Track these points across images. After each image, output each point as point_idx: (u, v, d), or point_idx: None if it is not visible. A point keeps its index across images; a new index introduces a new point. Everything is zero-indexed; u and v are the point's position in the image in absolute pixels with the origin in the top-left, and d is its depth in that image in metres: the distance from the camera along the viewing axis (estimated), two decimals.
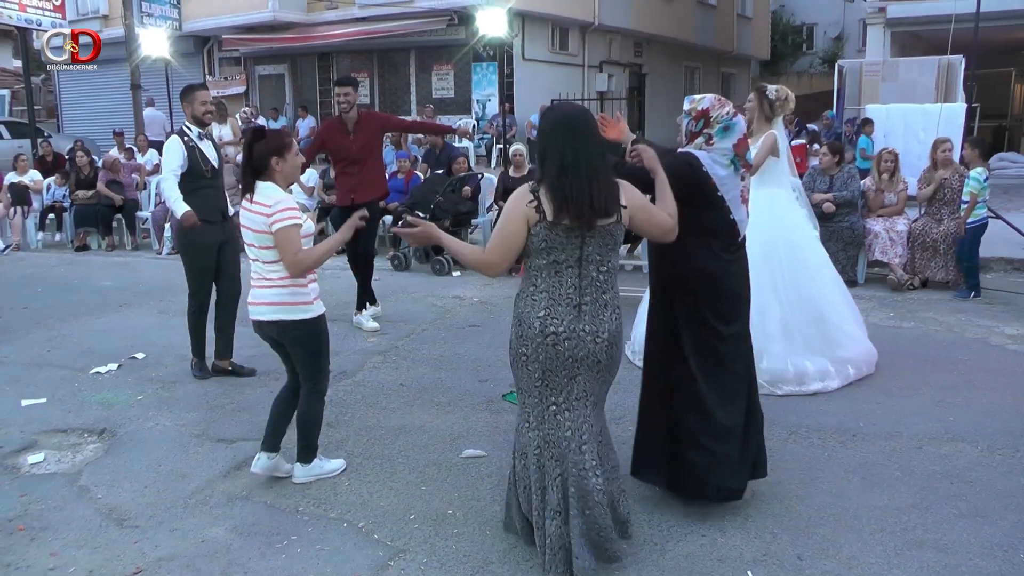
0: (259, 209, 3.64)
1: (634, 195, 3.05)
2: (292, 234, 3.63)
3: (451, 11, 17.96)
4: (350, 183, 6.62)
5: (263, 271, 3.75)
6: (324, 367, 3.92)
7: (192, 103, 5.48)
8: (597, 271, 3.00)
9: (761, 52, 31.21)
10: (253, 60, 22.18)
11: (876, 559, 3.23)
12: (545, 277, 3.01)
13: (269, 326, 3.78)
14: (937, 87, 13.84)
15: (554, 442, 3.06)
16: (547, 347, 2.99)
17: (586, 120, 3.00)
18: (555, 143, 2.94)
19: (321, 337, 3.85)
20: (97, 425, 4.84)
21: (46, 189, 12.57)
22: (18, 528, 3.64)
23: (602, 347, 3.00)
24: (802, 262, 5.29)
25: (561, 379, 3.03)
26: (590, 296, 2.99)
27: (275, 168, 3.70)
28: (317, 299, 3.81)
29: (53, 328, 7.11)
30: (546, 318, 2.99)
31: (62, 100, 25.39)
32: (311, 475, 3.97)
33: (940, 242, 7.58)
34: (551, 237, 2.93)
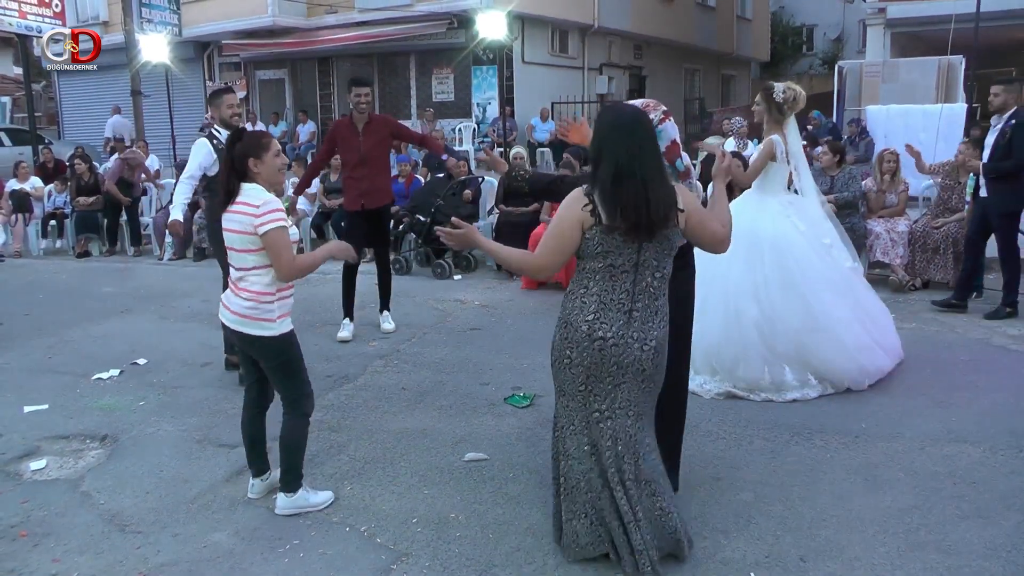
0: (244, 209, 3.49)
1: (691, 200, 3.01)
2: (284, 236, 3.50)
3: (451, 14, 17.98)
4: (360, 187, 6.52)
5: (235, 276, 3.62)
6: (301, 386, 3.70)
7: (219, 107, 5.51)
8: (652, 277, 2.95)
9: (761, 54, 31.22)
10: (253, 65, 22.21)
11: (879, 560, 3.23)
12: (599, 280, 2.95)
13: (233, 334, 3.69)
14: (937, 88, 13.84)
15: (602, 448, 3.04)
16: (593, 351, 2.93)
17: (643, 123, 2.94)
18: (611, 146, 2.87)
19: (290, 354, 3.65)
20: (99, 431, 4.84)
21: (47, 196, 12.58)
22: (20, 534, 3.64)
23: (648, 355, 2.95)
24: (792, 266, 5.06)
25: (605, 386, 2.98)
26: (642, 303, 2.95)
27: (253, 170, 3.55)
28: (284, 316, 3.60)
29: (55, 334, 7.12)
30: (595, 322, 2.94)
31: (63, 107, 25.45)
32: (295, 507, 3.71)
33: (941, 243, 7.57)
34: (607, 241, 2.88)
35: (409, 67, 20.25)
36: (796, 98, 5.08)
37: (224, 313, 3.68)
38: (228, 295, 3.67)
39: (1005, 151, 6.39)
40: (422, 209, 9.24)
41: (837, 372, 5.02)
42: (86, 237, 11.80)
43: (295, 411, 3.71)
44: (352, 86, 6.57)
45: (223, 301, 3.70)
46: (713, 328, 4.93)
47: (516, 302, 7.80)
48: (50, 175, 13.29)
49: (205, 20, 20.38)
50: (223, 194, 3.59)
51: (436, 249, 9.24)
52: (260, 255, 3.53)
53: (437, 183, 9.83)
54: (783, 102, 5.05)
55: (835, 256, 5.35)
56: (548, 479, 3.98)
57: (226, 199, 3.57)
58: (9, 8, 15.45)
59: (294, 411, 3.71)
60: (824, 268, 5.21)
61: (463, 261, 9.31)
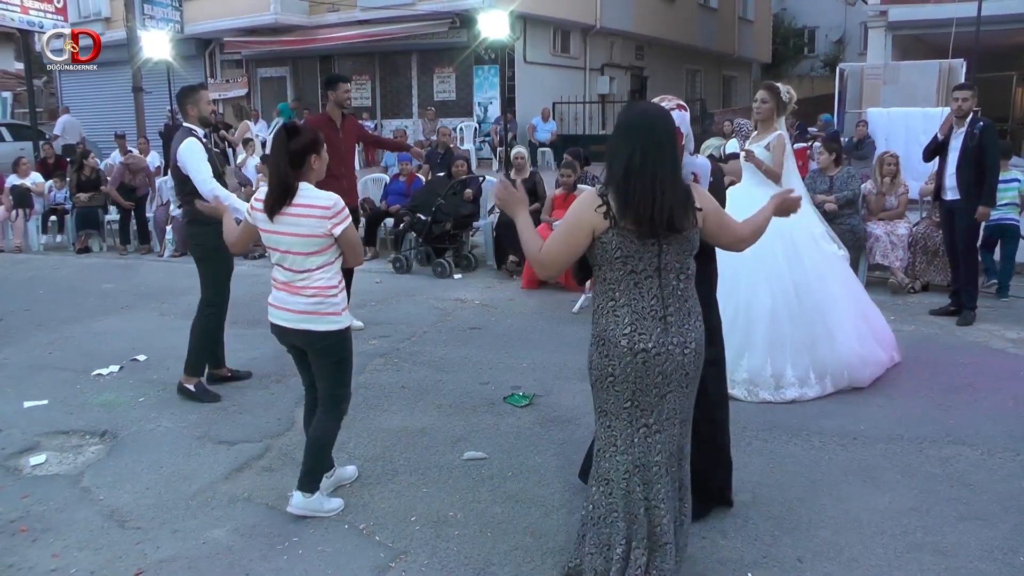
0: (312, 212, 3.40)
1: (708, 200, 2.92)
2: (355, 232, 3.62)
3: (453, 14, 17.99)
4: (342, 185, 6.43)
5: (291, 278, 3.52)
6: (348, 383, 3.72)
7: (198, 103, 5.31)
8: (677, 279, 2.82)
9: (762, 55, 31.25)
10: (255, 62, 22.22)
11: (877, 561, 3.24)
12: (624, 290, 2.80)
13: (296, 335, 3.58)
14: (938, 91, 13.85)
15: (644, 466, 2.87)
16: (637, 365, 2.78)
17: (661, 122, 2.82)
18: (625, 144, 2.77)
19: (348, 348, 3.65)
20: (99, 427, 4.84)
21: (47, 192, 12.58)
22: (20, 529, 3.65)
23: (690, 358, 2.84)
24: (801, 256, 5.21)
25: (652, 398, 2.83)
26: (674, 306, 2.82)
27: (313, 167, 3.49)
28: (346, 310, 3.62)
29: (55, 330, 7.12)
30: (633, 334, 2.78)
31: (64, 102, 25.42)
32: (310, 509, 3.66)
33: (941, 246, 7.58)
34: (626, 245, 2.76)
35: (411, 66, 20.26)
36: (792, 101, 5.32)
37: (281, 315, 3.57)
38: (283, 297, 3.56)
39: (975, 155, 6.44)
40: (423, 208, 9.24)
41: (840, 363, 5.09)
42: (86, 233, 11.80)
43: (336, 410, 3.69)
44: (339, 82, 6.58)
45: (274, 303, 3.60)
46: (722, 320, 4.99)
47: (516, 301, 7.81)
48: (51, 171, 13.28)
49: (207, 17, 20.39)
50: (279, 192, 3.43)
51: (436, 248, 9.25)
52: (325, 254, 3.50)
53: (438, 182, 9.83)
54: (787, 102, 5.23)
55: (825, 246, 5.50)
56: (547, 478, 4.02)
57: (283, 199, 3.43)
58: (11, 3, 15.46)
59: (336, 410, 3.68)
60: (822, 259, 5.36)
61: (463, 260, 9.32)
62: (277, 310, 3.60)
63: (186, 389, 5.26)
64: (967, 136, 6.49)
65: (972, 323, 6.57)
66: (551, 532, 3.50)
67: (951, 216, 6.78)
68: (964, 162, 6.54)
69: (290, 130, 3.51)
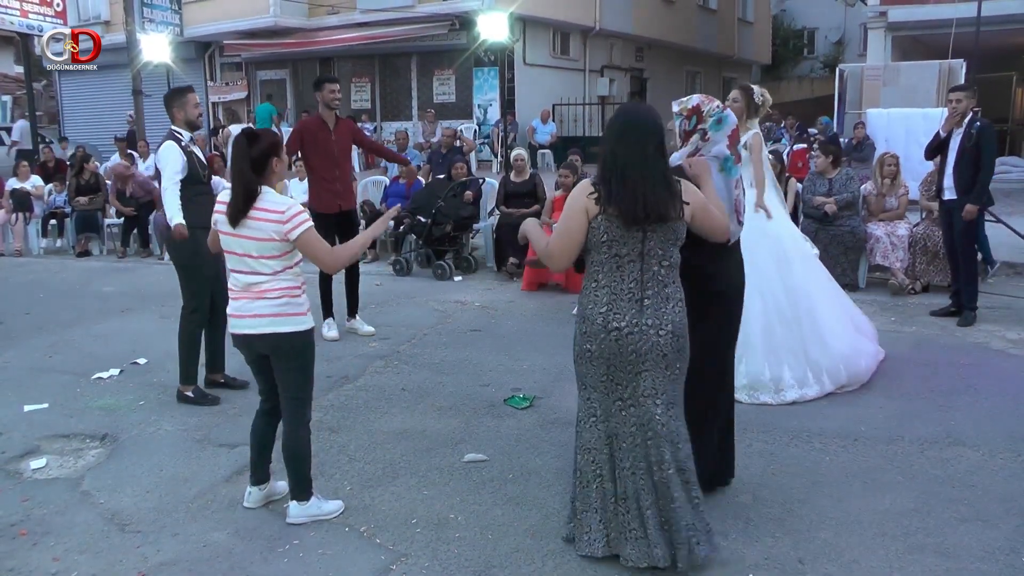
0: (269, 216, 3.40)
1: (696, 194, 3.11)
2: (315, 235, 3.48)
3: (452, 16, 18.01)
4: (335, 188, 6.50)
5: (251, 282, 3.50)
6: (310, 388, 3.68)
7: (184, 106, 5.28)
8: (659, 265, 3.04)
9: (762, 56, 31.26)
10: (254, 65, 22.25)
11: (878, 563, 3.23)
12: (607, 272, 3.05)
13: (260, 340, 3.53)
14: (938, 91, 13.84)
15: (622, 436, 3.10)
16: (610, 342, 3.03)
17: (645, 122, 3.04)
18: (610, 141, 3.05)
19: (312, 351, 3.64)
20: (99, 430, 4.84)
21: (47, 195, 12.58)
22: (20, 533, 3.64)
23: (666, 339, 3.03)
24: (790, 259, 5.26)
25: (626, 375, 3.06)
26: (652, 290, 3.03)
27: (274, 169, 3.49)
28: (309, 310, 3.61)
29: (55, 334, 7.12)
30: (608, 313, 3.03)
31: (64, 106, 25.47)
32: (308, 515, 3.66)
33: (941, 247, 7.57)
34: (612, 230, 3.00)
35: (410, 68, 20.29)
36: (766, 104, 5.36)
37: (245, 323, 3.53)
38: (243, 304, 3.53)
39: (973, 154, 6.44)
40: (423, 210, 9.24)
41: (834, 359, 5.10)
42: (86, 237, 11.80)
43: (300, 417, 3.64)
44: (325, 83, 6.51)
45: (236, 313, 3.55)
46: None
47: (516, 304, 7.81)
48: (50, 174, 13.28)
49: (206, 20, 20.42)
50: (242, 198, 3.42)
51: (437, 250, 9.25)
52: (285, 258, 3.48)
53: (438, 184, 9.84)
54: (760, 104, 5.28)
55: (803, 246, 5.57)
56: (547, 480, 4.02)
57: (245, 204, 3.43)
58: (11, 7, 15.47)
59: (299, 416, 3.64)
60: (804, 260, 5.42)
61: (463, 262, 9.32)
62: (239, 319, 3.54)
63: (185, 396, 5.26)
64: (964, 136, 6.50)
65: (973, 323, 6.56)
66: (552, 534, 3.49)
67: (950, 216, 6.78)
68: (961, 162, 6.55)
69: (249, 136, 3.50)
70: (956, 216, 6.64)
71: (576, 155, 9.48)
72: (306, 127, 6.60)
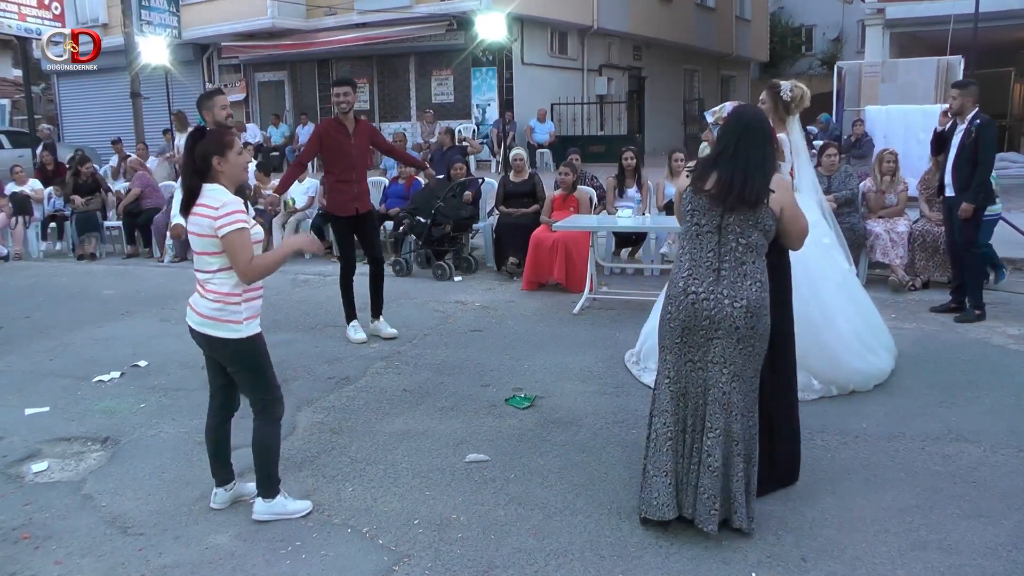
0: (204, 212, 3.42)
1: (787, 191, 3.36)
2: (242, 238, 3.41)
3: (450, 16, 18.01)
4: (352, 191, 6.48)
5: (200, 278, 3.55)
6: (269, 387, 3.64)
7: (212, 108, 5.41)
8: (736, 242, 3.24)
9: (760, 54, 31.26)
10: (253, 67, 22.24)
11: (880, 560, 3.23)
12: (689, 239, 3.33)
13: (199, 337, 3.59)
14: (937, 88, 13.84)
15: (689, 395, 3.33)
16: (687, 305, 3.26)
17: (760, 125, 3.36)
18: (726, 135, 3.35)
19: (256, 358, 3.60)
20: (100, 433, 4.84)
21: (47, 198, 12.58)
22: (23, 537, 3.64)
23: (740, 312, 3.20)
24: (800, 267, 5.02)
25: (699, 339, 3.27)
26: (728, 264, 3.24)
27: (217, 169, 3.46)
28: (251, 319, 3.54)
29: (55, 337, 7.12)
30: (688, 278, 3.29)
31: (62, 109, 25.46)
32: (272, 513, 3.67)
33: (941, 243, 7.58)
34: (695, 200, 3.31)
35: (408, 69, 20.28)
36: (802, 96, 4.98)
37: (190, 315, 3.59)
38: (195, 298, 3.58)
39: (971, 151, 6.44)
40: (422, 211, 9.24)
41: (844, 373, 5.02)
42: (85, 238, 11.80)
43: (265, 416, 3.65)
44: (334, 86, 6.57)
45: (190, 304, 3.60)
46: None
47: (517, 304, 7.81)
48: (49, 177, 13.27)
49: (204, 22, 20.41)
50: (186, 195, 3.50)
51: (436, 251, 9.24)
52: (223, 257, 3.46)
53: (437, 184, 9.83)
54: (790, 100, 4.97)
55: (835, 256, 5.36)
56: (549, 480, 4.02)
57: (188, 201, 3.49)
58: (8, 10, 15.45)
59: (264, 416, 3.65)
60: (826, 268, 5.20)
61: (463, 263, 9.32)
62: (189, 310, 3.61)
63: None
64: (965, 133, 6.50)
65: (974, 321, 6.56)
66: (554, 534, 3.49)
67: (951, 212, 6.78)
68: (960, 158, 6.55)
69: (195, 135, 3.54)
70: (955, 213, 6.65)
71: (575, 154, 9.47)
72: (324, 130, 6.59)
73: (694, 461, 3.33)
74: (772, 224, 3.28)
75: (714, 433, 3.26)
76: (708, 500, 3.27)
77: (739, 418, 3.28)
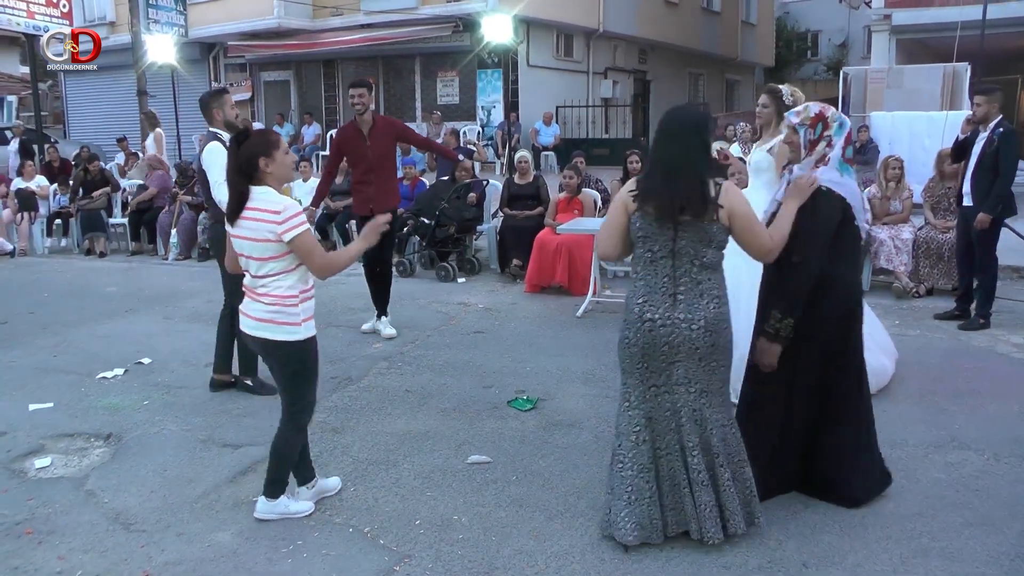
0: (264, 216, 3.36)
1: (738, 201, 3.17)
2: (310, 238, 3.44)
3: (456, 18, 18.03)
4: (368, 192, 6.52)
5: (254, 284, 3.51)
6: (307, 395, 3.65)
7: (223, 107, 5.35)
8: (691, 264, 3.16)
9: (766, 59, 31.24)
10: (258, 66, 22.29)
11: (882, 567, 3.23)
12: (643, 266, 3.24)
13: (253, 342, 3.59)
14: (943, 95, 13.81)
15: (656, 419, 3.27)
16: (644, 332, 3.20)
17: (689, 123, 3.19)
18: (655, 140, 3.26)
19: (308, 360, 3.59)
20: (103, 430, 4.85)
21: (52, 195, 12.62)
22: (25, 532, 3.65)
23: (698, 333, 3.15)
24: None
25: (659, 363, 3.22)
26: (685, 286, 3.17)
27: (264, 170, 3.41)
28: (307, 320, 3.54)
29: (60, 333, 7.14)
30: (644, 304, 3.21)
31: (69, 106, 25.53)
32: (275, 512, 3.67)
33: (945, 250, 7.57)
34: (646, 227, 3.18)
35: (414, 70, 20.30)
36: (799, 101, 5.13)
37: (245, 321, 3.55)
38: (247, 302, 3.55)
39: (992, 160, 6.37)
40: (427, 212, 9.25)
41: None
42: (92, 236, 11.83)
43: (294, 421, 3.64)
44: (349, 88, 6.58)
45: (242, 310, 3.58)
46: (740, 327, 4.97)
47: (520, 305, 7.81)
48: (55, 174, 13.32)
49: (211, 21, 20.46)
50: (233, 199, 3.45)
51: (440, 252, 9.25)
52: (283, 261, 3.43)
53: (441, 186, 9.85)
54: (792, 104, 5.07)
55: None
56: (551, 482, 4.03)
57: (237, 205, 3.44)
58: (17, 8, 15.49)
59: (293, 421, 3.64)
60: None
61: (467, 264, 9.32)
62: (242, 316, 3.58)
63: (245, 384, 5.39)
64: (986, 142, 6.41)
65: (978, 329, 6.54)
66: (555, 536, 3.49)
67: (966, 222, 6.70)
68: (980, 168, 6.45)
69: (239, 138, 3.48)
70: (973, 224, 6.56)
71: (580, 157, 9.48)
72: (341, 136, 6.69)
73: (680, 482, 3.27)
74: (725, 237, 3.18)
75: (696, 452, 3.23)
76: (710, 512, 3.25)
77: (714, 431, 3.24)
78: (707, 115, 3.29)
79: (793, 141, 3.64)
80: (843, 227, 3.48)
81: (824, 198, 3.44)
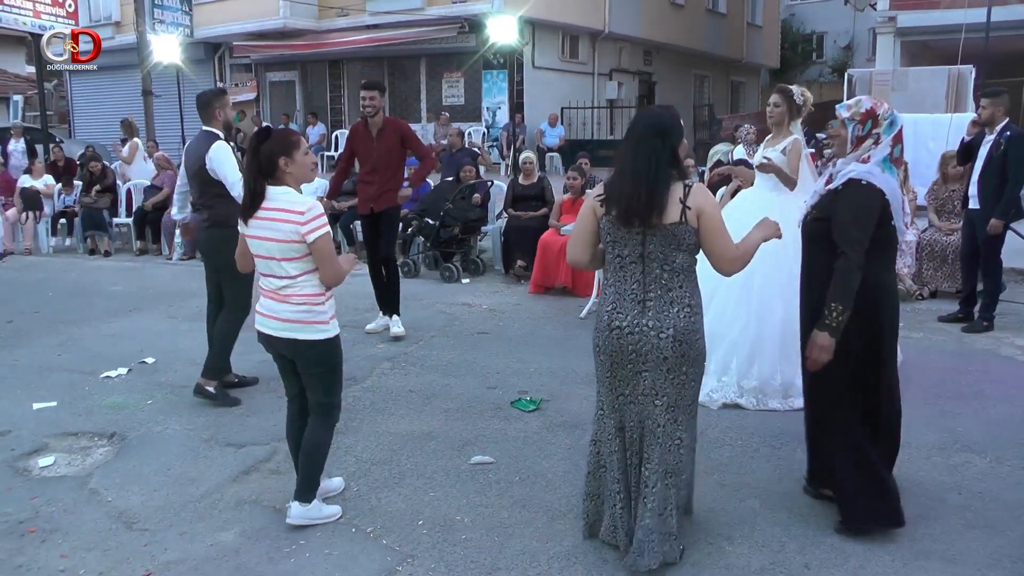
0: (288, 217, 3.32)
1: (707, 203, 3.07)
2: (330, 244, 3.40)
3: (462, 19, 18.03)
4: (370, 191, 6.56)
5: (277, 285, 3.46)
6: (339, 392, 3.64)
7: (225, 107, 5.32)
8: (661, 269, 3.08)
9: (771, 60, 31.20)
10: (264, 67, 22.32)
11: (884, 569, 3.23)
12: (613, 272, 3.17)
13: (283, 344, 3.51)
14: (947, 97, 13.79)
15: (623, 429, 3.21)
16: (612, 340, 3.12)
17: (656, 126, 3.08)
18: (624, 143, 3.17)
19: (337, 357, 3.57)
20: (107, 429, 4.86)
21: (57, 195, 12.66)
22: (29, 530, 3.67)
23: (667, 343, 3.05)
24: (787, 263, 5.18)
25: (627, 372, 3.14)
26: (654, 293, 3.09)
27: (284, 169, 3.38)
28: (333, 318, 3.53)
29: (64, 332, 7.16)
30: (613, 312, 3.13)
31: (74, 105, 25.60)
32: (308, 518, 3.62)
33: (949, 253, 7.56)
34: (614, 231, 3.12)
35: (419, 71, 20.32)
36: (807, 102, 5.27)
37: (267, 323, 3.50)
38: (269, 304, 3.49)
39: (999, 164, 6.34)
40: (431, 212, 9.26)
41: None
42: (93, 235, 11.86)
43: (327, 420, 3.61)
44: (361, 89, 6.64)
45: (261, 311, 3.52)
46: (734, 327, 5.00)
47: (524, 306, 7.82)
48: (60, 173, 13.36)
49: (216, 21, 20.50)
50: (248, 198, 3.42)
51: (444, 253, 9.26)
52: (305, 261, 3.40)
53: (446, 187, 9.86)
54: (801, 104, 5.15)
55: None
56: (554, 483, 4.03)
57: (252, 203, 3.40)
58: (24, 8, 15.54)
59: (326, 420, 3.61)
60: None
61: (471, 265, 9.33)
62: (264, 318, 3.52)
63: (205, 391, 5.23)
64: (994, 144, 6.38)
65: (981, 331, 6.53)
66: (558, 537, 3.50)
67: (972, 226, 6.68)
68: (987, 171, 6.42)
69: (260, 135, 3.44)
70: (979, 227, 6.52)
71: (584, 158, 9.49)
72: (352, 133, 6.80)
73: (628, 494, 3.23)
74: (694, 240, 3.06)
75: (651, 465, 3.13)
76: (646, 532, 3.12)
77: (673, 449, 3.15)
78: (672, 117, 3.15)
79: (840, 135, 3.51)
80: (880, 228, 3.32)
81: (864, 189, 3.32)
